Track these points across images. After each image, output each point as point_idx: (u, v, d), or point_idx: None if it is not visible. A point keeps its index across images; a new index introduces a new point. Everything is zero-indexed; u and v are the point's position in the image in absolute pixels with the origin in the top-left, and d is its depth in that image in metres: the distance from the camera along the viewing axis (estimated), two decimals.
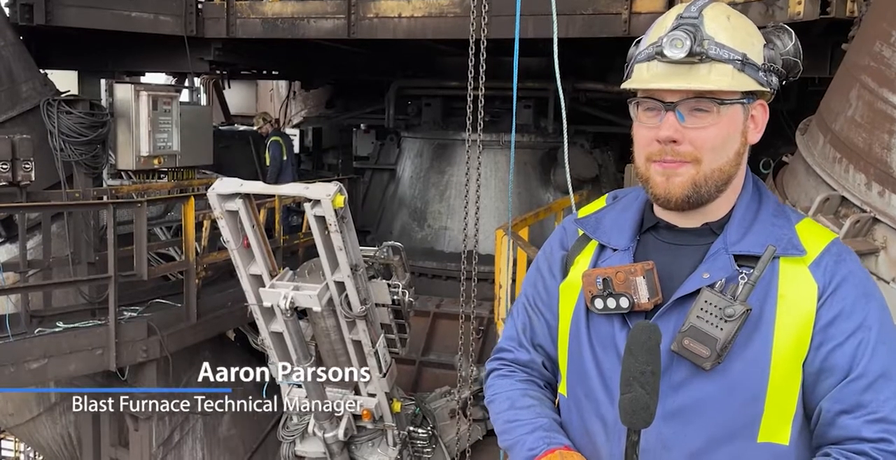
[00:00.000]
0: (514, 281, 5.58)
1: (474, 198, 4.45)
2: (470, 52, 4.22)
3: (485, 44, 4.24)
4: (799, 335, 1.29)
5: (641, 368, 1.19)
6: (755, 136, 1.39)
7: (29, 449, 10.88)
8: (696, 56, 1.28)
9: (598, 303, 1.40)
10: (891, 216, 3.12)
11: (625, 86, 1.39)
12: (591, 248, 1.50)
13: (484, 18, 4.20)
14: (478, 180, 4.51)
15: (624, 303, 1.38)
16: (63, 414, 7.69)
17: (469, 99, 4.21)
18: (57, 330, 6.18)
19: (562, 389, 1.53)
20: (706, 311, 1.29)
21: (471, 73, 4.19)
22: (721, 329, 1.27)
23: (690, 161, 1.32)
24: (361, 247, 5.55)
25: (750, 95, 1.34)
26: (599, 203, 1.59)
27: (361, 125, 12.09)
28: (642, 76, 1.36)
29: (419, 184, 10.50)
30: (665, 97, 1.32)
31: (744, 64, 1.30)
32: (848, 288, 1.31)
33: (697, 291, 1.32)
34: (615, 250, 1.45)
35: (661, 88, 1.32)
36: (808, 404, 1.32)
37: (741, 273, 1.31)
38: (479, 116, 4.20)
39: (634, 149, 1.40)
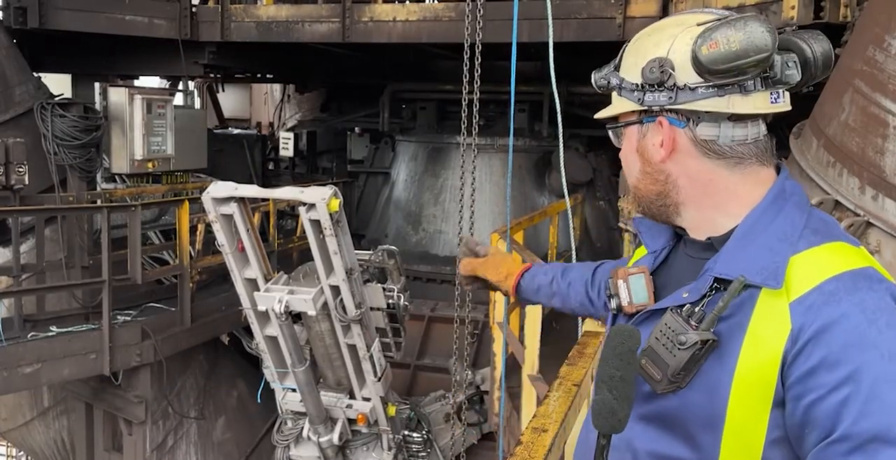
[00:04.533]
0: None
1: (469, 201, 4.44)
2: (465, 57, 4.22)
3: (480, 48, 4.25)
4: (763, 375, 1.18)
5: (610, 372, 1.17)
6: (658, 153, 1.32)
7: (22, 453, 10.83)
8: (606, 88, 1.38)
9: (609, 302, 1.44)
10: (884, 220, 3.13)
11: None
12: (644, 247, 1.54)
13: (479, 22, 4.21)
14: (473, 184, 4.51)
15: (614, 303, 1.41)
16: (56, 419, 7.66)
17: (464, 103, 4.21)
18: (50, 334, 6.16)
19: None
20: (664, 335, 1.23)
21: (465, 77, 4.19)
22: (674, 355, 1.20)
23: None
24: (356, 251, 5.55)
25: (648, 114, 1.32)
26: None
27: (356, 128, 12.09)
28: None
29: (414, 188, 10.50)
30: None
31: (620, 87, 1.34)
32: (835, 333, 1.13)
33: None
34: (649, 252, 1.49)
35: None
36: (798, 451, 1.21)
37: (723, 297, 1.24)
38: (475, 120, 4.20)
39: None
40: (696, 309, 1.23)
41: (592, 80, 1.41)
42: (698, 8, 1.39)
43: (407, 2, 9.32)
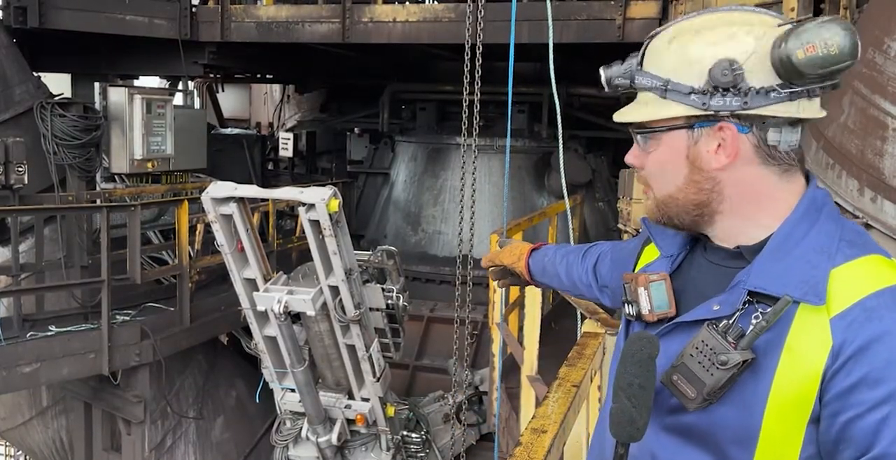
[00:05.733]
0: None
1: (469, 202, 4.45)
2: (466, 57, 4.23)
3: (480, 49, 4.26)
4: (801, 393, 1.15)
5: (629, 380, 1.16)
6: (715, 161, 1.25)
7: (20, 453, 10.82)
8: (628, 88, 1.29)
9: (626, 308, 1.38)
10: (883, 222, 3.14)
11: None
12: (655, 249, 1.47)
13: (480, 23, 4.22)
14: (473, 185, 4.52)
15: (632, 310, 1.35)
16: (55, 418, 7.66)
17: (465, 104, 4.22)
18: (49, 334, 6.15)
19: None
20: (700, 352, 1.18)
21: (466, 77, 4.20)
22: (712, 374, 1.16)
23: (651, 185, 1.33)
24: (356, 252, 5.55)
25: (702, 119, 1.23)
26: None
27: (356, 129, 12.10)
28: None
29: (413, 189, 10.51)
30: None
31: (665, 90, 1.24)
32: (878, 350, 1.11)
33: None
34: (663, 256, 1.42)
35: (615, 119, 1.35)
36: None
37: (758, 311, 1.19)
38: (475, 121, 4.21)
39: None
40: (732, 323, 1.19)
41: (604, 78, 1.33)
42: (725, 6, 1.31)
43: (407, 2, 9.33)
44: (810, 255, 1.21)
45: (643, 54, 1.29)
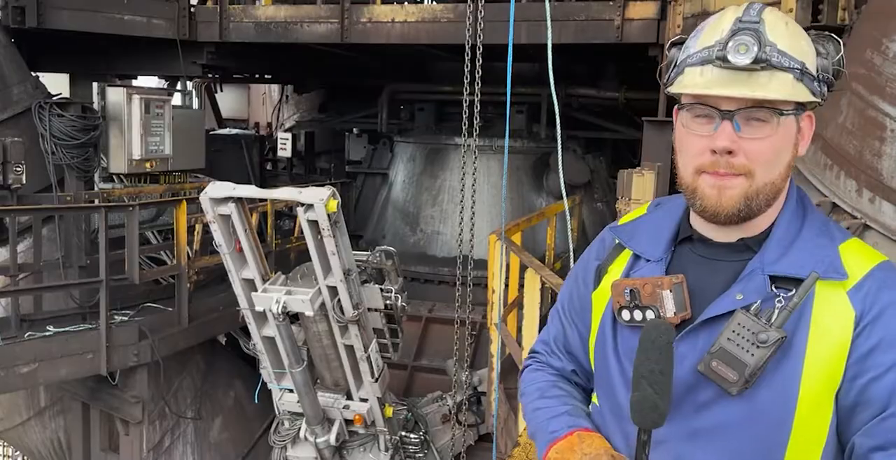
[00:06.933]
0: (506, 286, 5.59)
1: (469, 203, 4.46)
2: (466, 58, 4.23)
3: (480, 49, 4.26)
4: (831, 365, 1.21)
5: (650, 367, 1.19)
6: (803, 149, 1.32)
7: (18, 453, 10.80)
8: (759, 63, 1.21)
9: (626, 315, 1.36)
10: (881, 222, 3.14)
11: (676, 90, 1.31)
12: (624, 257, 1.46)
13: (480, 24, 4.22)
14: (473, 185, 4.52)
15: (650, 315, 1.33)
16: (53, 419, 7.65)
17: (465, 104, 4.22)
18: (48, 334, 6.15)
19: (594, 398, 1.52)
20: (738, 335, 1.22)
21: (466, 78, 4.20)
22: (752, 355, 1.20)
23: (744, 174, 1.26)
24: (354, 252, 5.55)
25: (801, 106, 1.28)
26: (641, 210, 1.54)
27: (354, 129, 12.09)
28: (695, 81, 1.27)
29: (412, 189, 10.51)
30: (721, 105, 1.25)
31: (802, 73, 1.24)
32: (891, 316, 1.21)
33: (730, 312, 1.26)
34: (648, 261, 1.41)
35: (721, 95, 1.24)
36: (842, 436, 1.25)
37: (778, 296, 1.24)
38: (475, 121, 4.21)
39: (678, 157, 1.33)
40: (759, 307, 1.24)
41: (731, 46, 1.22)
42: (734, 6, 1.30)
43: (406, 3, 9.33)
44: (815, 239, 1.30)
45: (765, 30, 1.23)
